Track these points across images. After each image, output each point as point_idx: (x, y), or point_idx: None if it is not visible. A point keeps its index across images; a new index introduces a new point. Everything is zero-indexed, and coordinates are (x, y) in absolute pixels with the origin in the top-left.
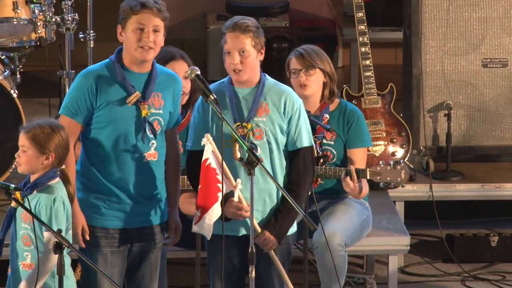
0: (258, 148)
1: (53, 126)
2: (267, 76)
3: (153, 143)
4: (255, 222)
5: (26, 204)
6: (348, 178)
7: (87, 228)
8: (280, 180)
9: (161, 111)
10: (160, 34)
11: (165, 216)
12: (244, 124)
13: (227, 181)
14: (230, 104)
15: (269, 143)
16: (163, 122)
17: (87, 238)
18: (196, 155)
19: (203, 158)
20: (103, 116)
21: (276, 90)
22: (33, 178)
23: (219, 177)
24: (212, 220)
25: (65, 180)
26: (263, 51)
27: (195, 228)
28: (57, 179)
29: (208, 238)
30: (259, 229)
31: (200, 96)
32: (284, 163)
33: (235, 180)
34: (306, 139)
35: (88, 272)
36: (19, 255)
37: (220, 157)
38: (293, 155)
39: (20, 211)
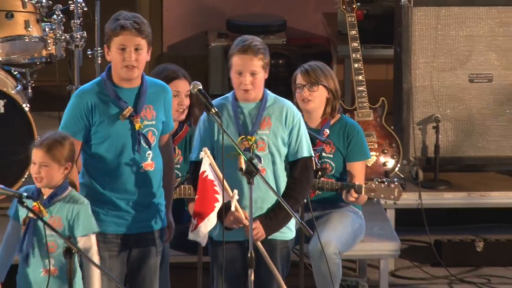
0: (262, 159)
1: (64, 137)
2: (268, 91)
3: (149, 154)
4: (243, 217)
5: (45, 213)
6: (348, 195)
7: None
8: (283, 189)
9: (154, 122)
10: (143, 51)
11: (164, 223)
12: (248, 137)
13: (225, 192)
14: (235, 118)
15: (271, 154)
16: (157, 132)
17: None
18: (199, 165)
19: (201, 171)
20: (99, 132)
21: (277, 105)
22: (49, 189)
23: (217, 188)
24: (207, 229)
25: (74, 187)
26: (268, 69)
27: (191, 236)
28: (70, 187)
29: (203, 245)
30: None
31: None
32: (285, 173)
33: (232, 191)
34: (305, 149)
35: (91, 275)
36: (41, 264)
37: (217, 169)
38: (293, 164)
39: (46, 219)
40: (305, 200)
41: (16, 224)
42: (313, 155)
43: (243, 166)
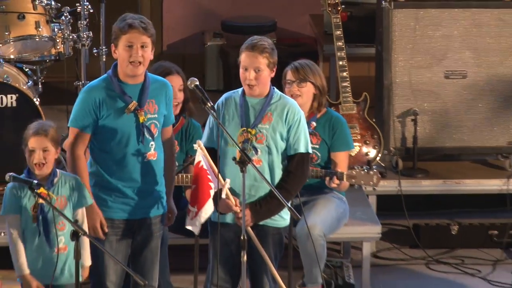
0: (258, 150)
1: (51, 124)
2: (275, 89)
3: (152, 144)
4: (234, 204)
5: (53, 195)
6: (332, 181)
7: (105, 222)
8: (277, 180)
9: (156, 115)
10: (148, 49)
11: (165, 209)
12: (249, 129)
13: (217, 181)
14: (240, 111)
15: (269, 147)
16: (159, 125)
17: (106, 230)
18: (208, 150)
19: (196, 161)
20: (106, 125)
21: (281, 102)
22: (44, 174)
23: (210, 177)
24: (207, 214)
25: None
26: (275, 69)
27: (188, 224)
28: (62, 172)
29: (196, 234)
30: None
31: (224, 96)
32: (281, 165)
33: (224, 180)
34: (303, 145)
35: (97, 257)
36: (53, 243)
37: (210, 160)
38: (290, 158)
39: (53, 203)
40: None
41: (14, 217)
42: (310, 152)
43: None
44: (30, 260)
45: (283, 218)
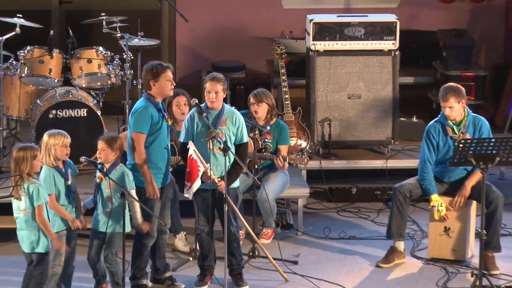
0: (219, 143)
1: (116, 135)
2: (225, 104)
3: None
4: (213, 177)
5: (108, 179)
6: (278, 161)
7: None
8: (232, 159)
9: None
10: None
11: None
12: (215, 130)
13: (202, 165)
14: (206, 118)
15: (227, 140)
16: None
17: (158, 196)
18: (185, 145)
19: (188, 154)
20: (153, 129)
21: (230, 112)
22: (107, 165)
23: (198, 163)
24: (196, 188)
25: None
26: (226, 92)
27: (185, 193)
28: (121, 164)
29: (190, 199)
30: (217, 180)
31: (191, 111)
32: (233, 150)
33: (207, 164)
34: (245, 138)
35: (146, 211)
36: (104, 207)
37: (198, 153)
38: (238, 146)
39: (104, 182)
40: (256, 166)
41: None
42: (249, 140)
43: (211, 146)
44: (94, 216)
45: (236, 183)
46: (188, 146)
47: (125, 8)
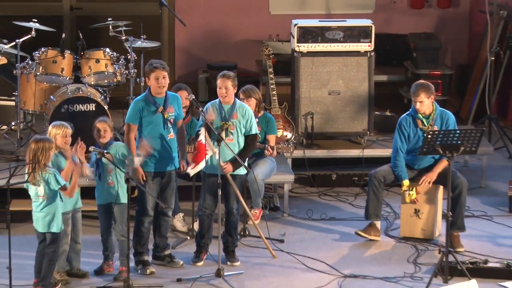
0: (231, 134)
1: (106, 120)
2: (237, 99)
3: (171, 129)
4: (221, 162)
5: (110, 157)
6: (266, 150)
7: (143, 174)
8: (241, 147)
9: (173, 114)
10: (167, 79)
11: (176, 165)
12: (226, 122)
13: (210, 149)
14: (219, 112)
15: (237, 132)
16: (175, 119)
17: (145, 179)
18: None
19: (198, 139)
20: (147, 120)
21: (241, 106)
22: (103, 143)
23: (207, 147)
24: (199, 168)
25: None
26: (236, 87)
27: (189, 171)
28: (114, 141)
29: (190, 176)
30: (222, 163)
31: (206, 105)
32: (243, 141)
33: (215, 149)
34: (254, 130)
35: (142, 192)
36: (106, 179)
37: (209, 139)
38: (247, 137)
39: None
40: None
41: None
42: (258, 133)
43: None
44: (97, 187)
45: (243, 169)
46: (199, 132)
47: (129, 13)
